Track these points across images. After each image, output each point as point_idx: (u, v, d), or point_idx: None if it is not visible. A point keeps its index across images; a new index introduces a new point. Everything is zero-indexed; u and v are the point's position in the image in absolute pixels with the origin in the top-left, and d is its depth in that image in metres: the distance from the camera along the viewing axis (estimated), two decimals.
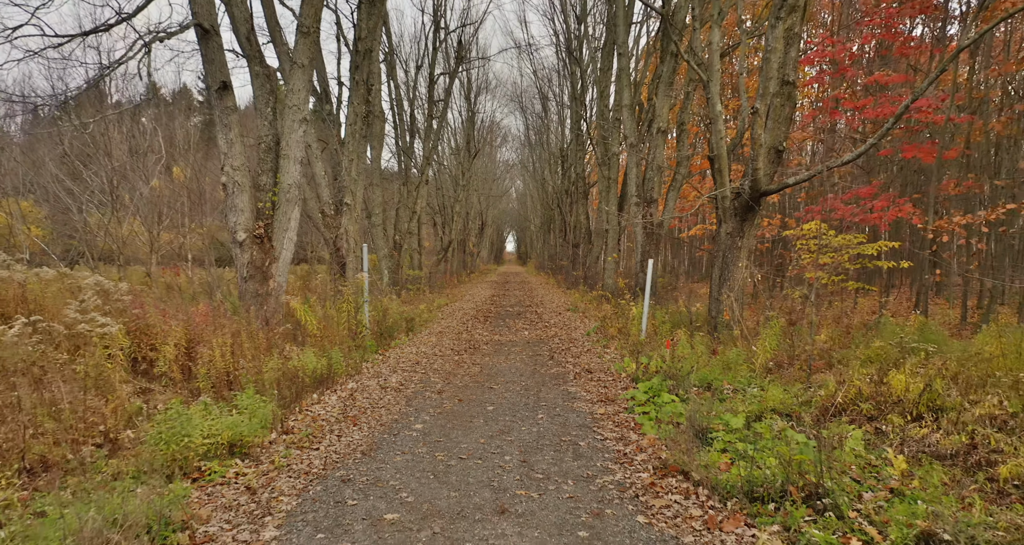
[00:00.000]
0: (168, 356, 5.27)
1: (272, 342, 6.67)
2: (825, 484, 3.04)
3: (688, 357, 6.28)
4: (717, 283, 8.59)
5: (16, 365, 3.70)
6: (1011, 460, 3.29)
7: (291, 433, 4.23)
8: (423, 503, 3.06)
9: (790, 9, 7.41)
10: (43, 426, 3.61)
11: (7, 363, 3.69)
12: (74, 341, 4.22)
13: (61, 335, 4.08)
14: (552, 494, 3.20)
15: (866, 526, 2.77)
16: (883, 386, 4.81)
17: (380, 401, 5.21)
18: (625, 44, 13.78)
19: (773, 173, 8.21)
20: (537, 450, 3.92)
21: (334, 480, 3.37)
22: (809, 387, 5.38)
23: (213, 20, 7.65)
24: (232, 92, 7.88)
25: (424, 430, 4.35)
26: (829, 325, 8.28)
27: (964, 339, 7.09)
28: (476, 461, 3.69)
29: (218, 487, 3.29)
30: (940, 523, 2.67)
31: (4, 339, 3.53)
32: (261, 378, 5.10)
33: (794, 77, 7.78)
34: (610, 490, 3.27)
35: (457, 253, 31.34)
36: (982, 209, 10.37)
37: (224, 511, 2.98)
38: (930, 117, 11.47)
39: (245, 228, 7.84)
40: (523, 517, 2.91)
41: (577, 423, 4.57)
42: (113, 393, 4.16)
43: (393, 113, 19.87)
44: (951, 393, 4.47)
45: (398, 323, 9.43)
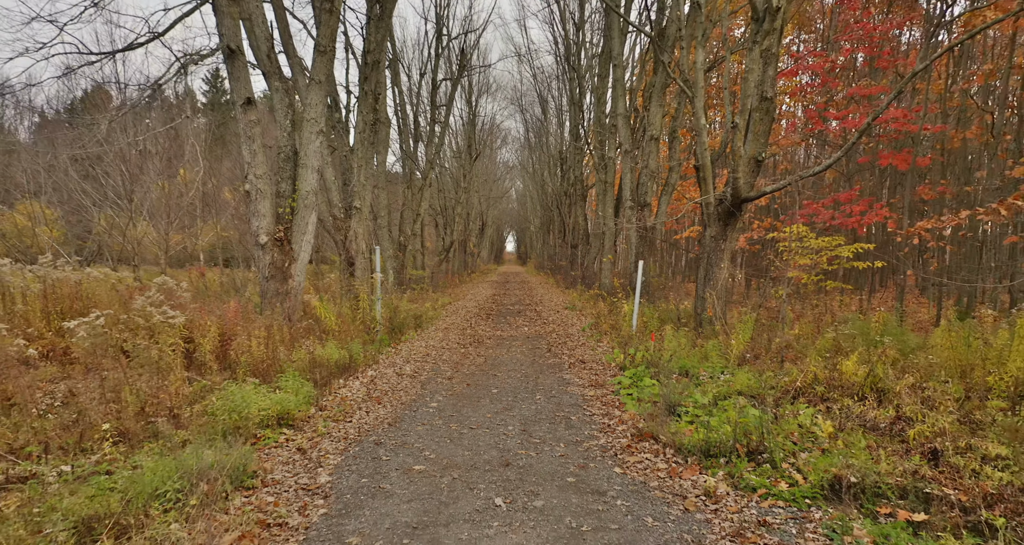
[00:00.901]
0: (206, 347, 6.01)
1: (296, 335, 7.42)
2: (766, 444, 3.78)
3: (672, 349, 7.01)
4: (702, 282, 9.32)
5: (106, 350, 4.43)
6: (919, 426, 4.03)
7: (325, 410, 4.97)
8: (443, 459, 3.80)
9: (765, 34, 8.14)
10: (125, 400, 4.35)
11: (95, 348, 4.43)
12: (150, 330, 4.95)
13: (139, 326, 4.82)
14: (547, 453, 3.94)
15: (794, 473, 3.52)
16: (835, 372, 5.56)
17: (398, 386, 5.95)
18: (620, 56, 14.52)
19: (753, 182, 8.93)
20: (535, 422, 4.66)
21: (368, 443, 4.12)
22: (778, 374, 6.12)
23: (239, 41, 8.38)
24: (256, 107, 8.61)
25: (439, 407, 5.09)
26: (807, 321, 9.01)
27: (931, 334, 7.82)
28: (484, 430, 4.44)
29: (273, 449, 4.03)
30: (850, 470, 3.41)
31: (95, 328, 4.26)
32: (293, 366, 5.84)
33: (772, 94, 8.49)
34: (594, 451, 4.01)
35: (458, 253, 32.06)
36: (947, 214, 11.06)
37: (283, 465, 3.72)
38: (905, 127, 12.22)
39: (267, 232, 8.56)
40: (523, 468, 3.65)
41: (570, 402, 5.31)
42: (174, 376, 4.89)
43: (397, 118, 20.58)
44: (888, 376, 5.21)
45: (407, 320, 10.17)
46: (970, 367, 5.61)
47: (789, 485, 3.41)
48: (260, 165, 8.56)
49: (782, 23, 8.55)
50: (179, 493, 3.06)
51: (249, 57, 8.55)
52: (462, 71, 20.72)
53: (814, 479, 3.38)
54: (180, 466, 3.37)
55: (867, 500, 3.28)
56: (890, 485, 3.35)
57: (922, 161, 12.36)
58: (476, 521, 2.92)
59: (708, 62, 14.08)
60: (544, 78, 29.86)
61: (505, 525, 2.88)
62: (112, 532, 2.71)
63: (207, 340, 6.05)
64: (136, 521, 2.75)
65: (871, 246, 11.07)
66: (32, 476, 3.62)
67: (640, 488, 3.40)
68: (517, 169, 45.16)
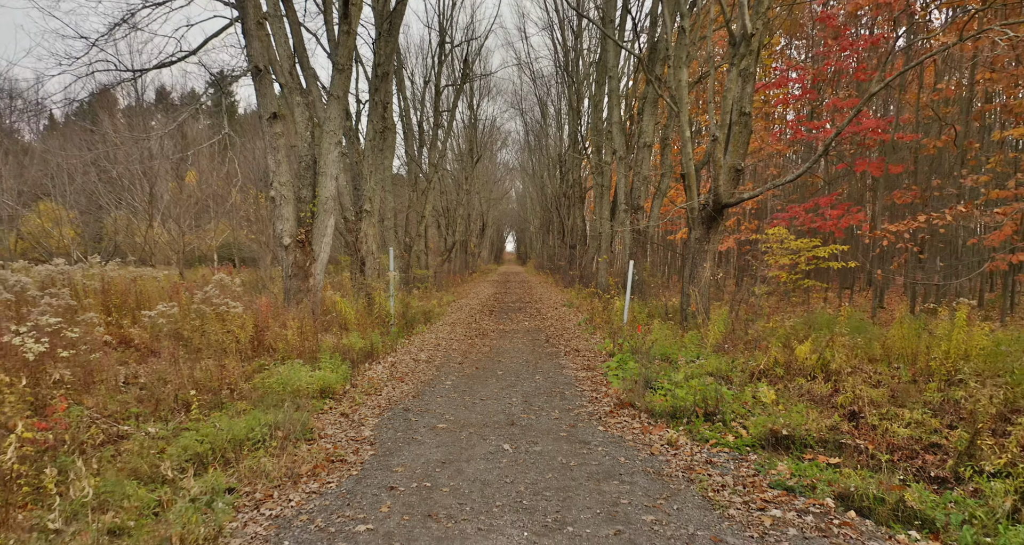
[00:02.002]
0: (244, 337, 6.91)
1: (320, 328, 8.32)
2: (720, 408, 4.69)
3: (657, 339, 7.92)
4: (687, 280, 10.23)
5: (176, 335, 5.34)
6: (844, 395, 4.95)
7: (358, 386, 5.88)
8: (460, 420, 4.71)
9: (741, 56, 9.05)
10: (195, 377, 5.26)
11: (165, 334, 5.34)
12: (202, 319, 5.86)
13: (207, 313, 5.73)
14: (544, 417, 4.85)
15: (739, 429, 4.43)
16: (792, 356, 6.47)
17: (416, 369, 6.86)
18: (615, 67, 15.42)
19: (734, 189, 9.82)
20: (534, 396, 5.58)
21: (398, 409, 5.03)
22: (748, 360, 7.03)
23: (266, 61, 9.29)
24: (280, 120, 9.52)
25: (453, 385, 6.01)
26: (783, 315, 9.92)
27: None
28: (492, 401, 5.35)
29: (321, 414, 4.94)
30: (783, 426, 4.32)
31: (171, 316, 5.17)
32: (327, 352, 6.74)
33: (750, 109, 9.39)
34: (582, 415, 4.92)
35: (460, 254, 32.95)
36: (908, 218, 11.96)
37: (332, 425, 4.63)
38: (880, 135, 13.15)
39: (290, 234, 9.47)
40: (525, 427, 4.57)
41: (564, 381, 6.23)
42: (231, 357, 5.80)
43: (402, 123, 21.49)
44: (835, 359, 6.12)
45: (418, 315, 11.08)
46: (915, 354, 6.53)
47: (735, 438, 4.32)
48: (284, 173, 9.45)
49: (758, 45, 9.46)
50: (260, 441, 3.97)
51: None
52: (465, 79, 21.61)
53: (754, 432, 4.29)
54: (254, 423, 4.27)
55: (796, 449, 4.19)
56: (814, 437, 4.26)
57: (895, 168, 13.28)
58: (489, 459, 3.84)
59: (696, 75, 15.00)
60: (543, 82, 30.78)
61: (512, 461, 3.80)
62: (218, 462, 3.62)
63: (245, 330, 6.96)
64: (235, 456, 3.66)
65: (845, 247, 11.99)
66: (127, 435, 4.52)
67: (617, 440, 4.31)
68: (517, 170, 46.02)
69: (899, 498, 3.31)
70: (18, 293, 5.14)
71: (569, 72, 21.82)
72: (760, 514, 3.11)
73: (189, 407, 4.92)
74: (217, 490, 3.22)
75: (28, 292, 5.19)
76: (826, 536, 2.88)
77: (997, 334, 6.73)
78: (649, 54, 13.77)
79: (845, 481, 3.54)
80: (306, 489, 3.35)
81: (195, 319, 5.61)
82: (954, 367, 6.02)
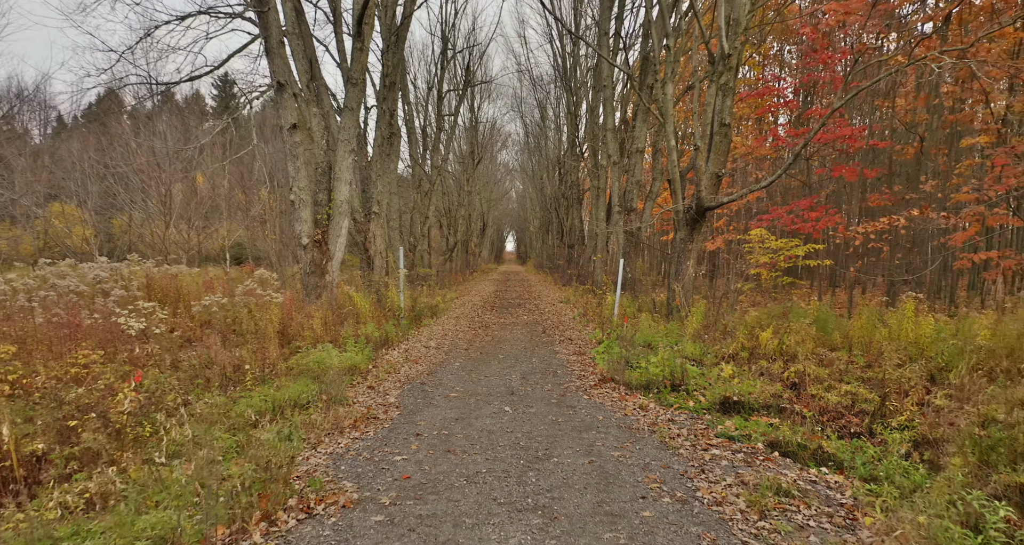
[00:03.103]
0: (272, 327, 7.83)
1: (338, 319, 9.24)
2: (685, 381, 5.62)
3: (642, 329, 8.84)
4: (672, 277, 11.15)
5: (225, 320, 6.27)
6: (788, 370, 5.88)
7: (378, 367, 6.81)
8: (468, 391, 5.65)
9: (720, 74, 9.97)
10: (242, 357, 6.18)
11: (220, 318, 6.27)
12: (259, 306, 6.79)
13: (252, 304, 6.66)
14: (539, 389, 5.79)
15: (699, 397, 5.36)
16: (756, 341, 7.40)
17: (427, 354, 7.79)
18: (610, 78, 16.34)
19: (715, 193, 10.73)
20: (531, 374, 6.51)
21: (416, 384, 5.96)
22: (721, 346, 7.95)
23: (286, 77, 10.21)
24: (298, 131, 10.41)
25: (461, 366, 6.94)
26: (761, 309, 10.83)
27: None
28: (495, 377, 6.28)
29: (350, 388, 5.87)
30: (735, 394, 5.24)
31: (223, 305, 6.09)
32: (351, 338, 7.67)
33: (729, 120, 10.29)
34: (571, 388, 5.86)
35: (461, 253, 33.86)
36: (871, 220, 12.87)
37: (362, 395, 5.56)
38: (857, 143, 14.07)
39: (308, 235, 10.37)
40: (523, 395, 5.50)
41: (557, 363, 7.16)
42: (271, 341, 6.73)
43: (406, 127, 22.38)
44: (792, 344, 7.05)
45: (424, 309, 12.01)
46: (870, 341, 7.45)
47: (694, 403, 5.25)
48: (303, 178, 10.37)
49: (737, 62, 10.37)
50: (308, 404, 4.89)
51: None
52: (467, 85, 22.53)
53: (711, 399, 5.23)
54: (302, 390, 5.20)
55: (744, 412, 5.12)
56: (760, 403, 5.19)
57: (869, 173, 14.20)
58: (493, 417, 4.77)
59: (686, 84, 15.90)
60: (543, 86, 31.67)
61: (511, 419, 4.73)
62: (275, 417, 4.55)
63: (273, 323, 7.89)
64: (291, 413, 4.59)
65: (821, 247, 12.91)
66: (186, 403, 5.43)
67: (599, 405, 5.24)
68: (517, 171, 46.89)
69: (818, 446, 4.24)
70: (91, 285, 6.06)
71: (567, 78, 22.73)
72: (703, 452, 4.04)
73: (242, 381, 5.85)
74: (281, 436, 4.14)
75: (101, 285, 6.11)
76: (750, 465, 3.81)
77: (939, 324, 7.66)
78: (641, 64, 14.68)
79: (777, 433, 4.47)
80: (351, 436, 4.28)
81: (242, 308, 6.54)
82: (899, 351, 6.94)
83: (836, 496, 3.37)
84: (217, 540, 2.73)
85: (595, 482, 3.42)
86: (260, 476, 3.17)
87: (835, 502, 3.29)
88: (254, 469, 3.19)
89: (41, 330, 5.53)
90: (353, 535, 2.78)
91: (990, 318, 7.58)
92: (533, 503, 3.12)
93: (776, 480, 3.41)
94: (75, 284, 6.14)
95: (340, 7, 13.74)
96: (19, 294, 5.81)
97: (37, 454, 3.63)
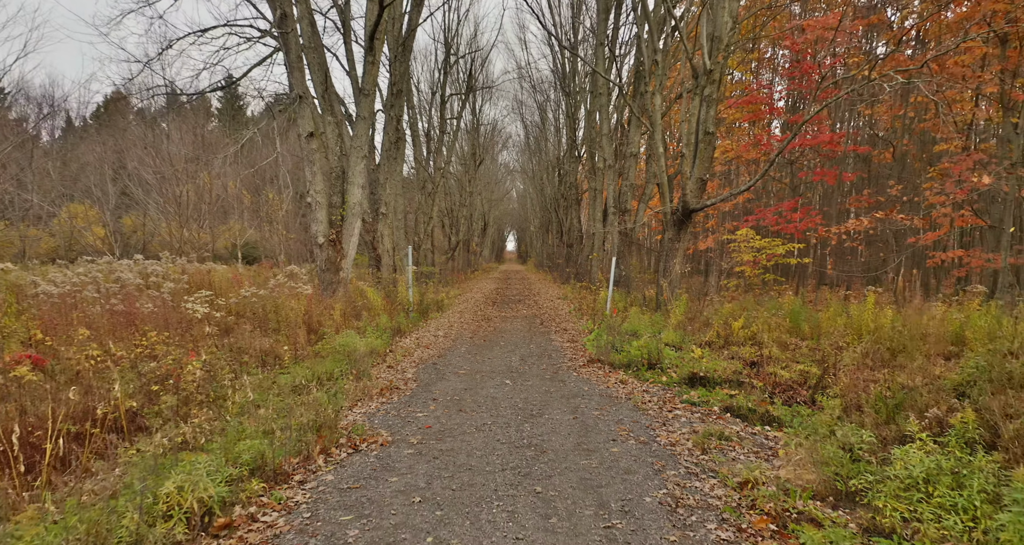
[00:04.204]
0: (299, 317, 8.74)
1: (353, 312, 10.16)
2: (660, 360, 6.54)
3: (631, 319, 9.76)
4: (661, 274, 12.06)
5: (260, 310, 7.20)
6: (745, 351, 6.80)
7: (394, 351, 7.74)
8: (474, 369, 6.58)
9: (703, 87, 10.87)
10: (277, 340, 7.10)
11: (259, 307, 7.20)
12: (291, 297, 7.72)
13: (284, 294, 7.58)
14: (535, 368, 6.71)
15: (671, 373, 6.28)
16: (729, 330, 8.32)
17: (436, 341, 8.72)
18: (605, 86, 17.24)
19: (699, 197, 11.62)
20: (529, 357, 7.43)
21: (428, 364, 6.89)
22: (699, 334, 8.86)
23: (305, 90, 11.11)
24: (316, 138, 11.30)
25: (467, 350, 7.87)
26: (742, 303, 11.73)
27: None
28: (497, 359, 7.21)
29: (372, 367, 6.79)
30: (703, 370, 6.16)
31: (260, 296, 7.01)
32: (367, 327, 8.59)
33: (713, 129, 11.18)
34: (563, 367, 6.78)
35: (463, 252, 34.76)
36: (829, 223, 13.81)
37: (383, 371, 6.49)
38: (837, 147, 14.98)
39: (323, 234, 11.27)
40: (522, 372, 6.42)
41: (552, 349, 8.09)
42: (299, 329, 7.65)
43: (410, 131, 23.28)
44: (760, 332, 7.97)
45: (431, 304, 12.93)
46: (834, 330, 8.33)
47: (667, 378, 6.17)
48: (319, 182, 11.27)
49: (720, 75, 11.27)
50: (340, 377, 5.82)
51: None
52: (469, 91, 23.43)
53: (681, 374, 6.15)
54: (335, 366, 6.12)
55: (709, 385, 6.03)
56: (723, 378, 6.11)
57: (848, 176, 15.11)
58: (496, 388, 5.70)
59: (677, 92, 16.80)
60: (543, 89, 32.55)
61: (511, 389, 5.65)
62: (316, 386, 5.47)
63: (299, 311, 8.81)
64: (328, 384, 5.51)
65: (801, 246, 13.82)
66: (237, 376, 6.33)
67: (585, 380, 6.17)
68: (517, 172, 47.74)
69: (765, 410, 5.16)
70: (145, 279, 6.99)
71: (565, 83, 23.62)
72: (667, 413, 4.96)
73: (280, 361, 6.78)
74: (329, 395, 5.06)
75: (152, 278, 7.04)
76: (703, 422, 4.73)
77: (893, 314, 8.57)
78: (635, 75, 15.56)
79: (733, 401, 5.39)
80: (378, 401, 5.21)
81: (276, 299, 7.46)
82: (857, 338, 7.85)
83: (768, 443, 4.29)
84: (290, 465, 3.65)
85: (577, 431, 4.34)
86: (316, 422, 4.09)
87: (766, 446, 4.21)
88: (312, 417, 4.11)
89: (106, 317, 6.45)
90: (392, 462, 3.71)
91: (940, 310, 8.51)
92: (528, 442, 4.05)
93: (721, 430, 4.33)
94: (132, 278, 7.05)
95: (349, 17, 14.63)
96: (87, 286, 6.72)
97: (133, 410, 4.56)
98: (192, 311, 5.47)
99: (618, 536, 2.74)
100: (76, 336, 5.75)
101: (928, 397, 4.43)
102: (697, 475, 3.53)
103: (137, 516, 2.45)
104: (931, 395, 4.52)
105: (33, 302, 6.72)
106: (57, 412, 3.90)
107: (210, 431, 4.02)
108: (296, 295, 7.68)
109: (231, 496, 3.01)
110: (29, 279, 6.78)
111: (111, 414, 4.31)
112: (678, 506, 3.07)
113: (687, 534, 2.77)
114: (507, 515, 2.92)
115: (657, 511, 3.01)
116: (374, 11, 11.19)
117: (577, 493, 3.20)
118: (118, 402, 4.24)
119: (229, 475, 3.10)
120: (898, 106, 15.21)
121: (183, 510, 2.68)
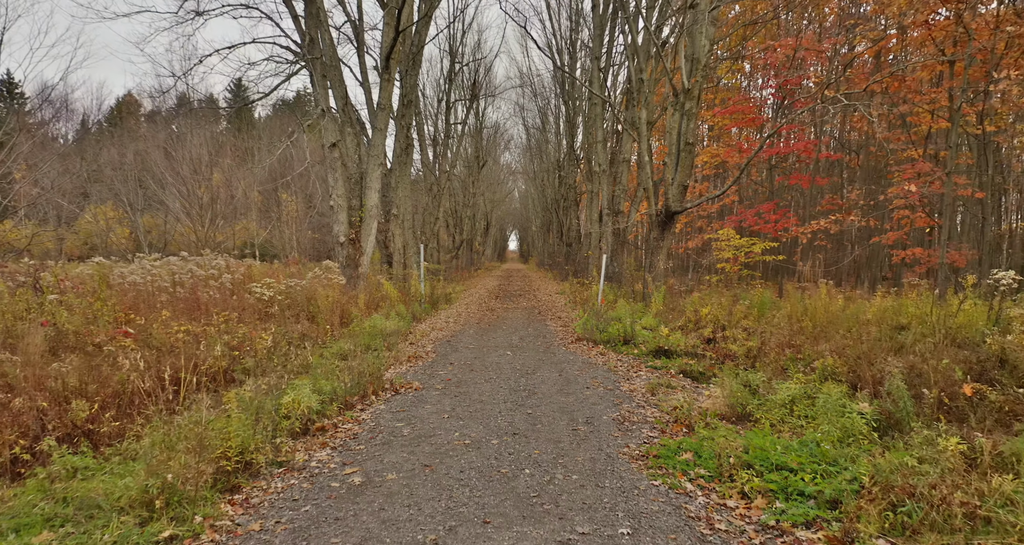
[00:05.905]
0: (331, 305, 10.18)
1: (375, 301, 11.60)
2: (634, 337, 7.98)
3: (617, 308, 11.18)
4: (646, 270, 13.47)
5: (297, 296, 8.66)
6: (704, 330, 8.23)
7: (414, 333, 9.17)
8: (481, 345, 8.03)
9: (682, 103, 12.27)
10: (317, 322, 8.54)
11: (298, 295, 8.66)
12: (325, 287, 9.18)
13: (321, 285, 9.03)
14: (531, 344, 8.16)
15: (642, 347, 7.71)
16: (698, 315, 9.74)
17: (448, 325, 10.17)
18: (599, 97, 18.64)
19: (681, 200, 12.99)
20: (527, 337, 8.87)
21: (444, 341, 8.34)
22: (674, 320, 10.28)
23: (327, 104, 12.54)
24: (336, 148, 12.72)
25: (475, 333, 9.32)
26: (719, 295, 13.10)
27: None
28: (500, 338, 8.66)
29: (399, 343, 8.23)
30: (667, 344, 7.59)
31: (303, 287, 8.45)
32: (391, 313, 10.03)
33: (693, 139, 12.56)
34: (554, 343, 8.23)
35: (466, 251, 36.19)
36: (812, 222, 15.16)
37: (408, 346, 7.93)
38: (810, 154, 16.37)
39: (344, 234, 12.70)
40: (520, 348, 7.87)
41: (547, 332, 9.53)
42: (334, 314, 9.09)
43: (417, 135, 24.68)
44: (725, 316, 9.39)
45: (440, 297, 14.38)
46: (791, 317, 9.71)
47: (638, 351, 7.60)
48: (340, 187, 12.70)
49: (699, 92, 12.66)
50: (376, 349, 7.26)
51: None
52: (473, 98, 24.85)
53: (649, 347, 7.57)
54: (372, 340, 7.55)
55: (672, 357, 7.45)
56: (683, 350, 7.54)
57: (821, 180, 16.49)
58: (499, 357, 7.14)
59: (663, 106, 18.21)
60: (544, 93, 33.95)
61: (511, 358, 7.10)
62: (358, 354, 6.91)
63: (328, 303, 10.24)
64: (367, 352, 6.96)
65: (776, 245, 15.21)
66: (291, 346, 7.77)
67: (572, 352, 7.60)
68: (519, 172, 49.09)
69: (712, 374, 6.58)
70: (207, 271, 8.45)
71: (564, 91, 25.02)
72: (633, 373, 6.39)
73: (322, 339, 8.21)
74: (373, 357, 6.49)
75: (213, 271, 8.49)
76: (660, 379, 6.15)
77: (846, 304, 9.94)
78: (627, 88, 16.96)
79: (687, 367, 6.81)
80: (407, 365, 6.66)
81: (314, 289, 8.92)
82: (812, 324, 9.24)
83: (705, 392, 5.72)
84: (354, 400, 5.09)
85: (560, 383, 5.78)
86: (368, 372, 5.53)
87: (703, 394, 5.63)
88: (365, 369, 5.55)
89: (181, 303, 7.90)
90: (425, 398, 5.15)
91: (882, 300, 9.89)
92: (523, 388, 5.49)
93: (669, 381, 5.76)
94: (197, 270, 8.50)
95: (362, 31, 15.96)
96: (162, 278, 8.17)
97: (222, 367, 6.00)
98: (259, 295, 6.91)
99: (581, 433, 4.18)
100: (159, 317, 7.20)
101: (822, 358, 5.85)
102: (644, 406, 4.96)
103: (274, 409, 3.91)
104: (830, 357, 5.94)
105: (117, 290, 8.16)
106: (176, 365, 5.36)
107: (298, 371, 5.47)
108: (330, 285, 9.12)
109: (321, 412, 4.45)
110: (116, 271, 8.23)
111: (210, 369, 5.77)
112: (625, 421, 4.51)
113: (627, 433, 4.21)
114: (507, 424, 4.36)
115: (611, 424, 4.44)
116: (390, 35, 12.62)
117: (556, 414, 4.64)
118: (215, 360, 5.68)
119: (320, 399, 4.54)
120: (863, 118, 16.57)
121: (297, 414, 4.12)
